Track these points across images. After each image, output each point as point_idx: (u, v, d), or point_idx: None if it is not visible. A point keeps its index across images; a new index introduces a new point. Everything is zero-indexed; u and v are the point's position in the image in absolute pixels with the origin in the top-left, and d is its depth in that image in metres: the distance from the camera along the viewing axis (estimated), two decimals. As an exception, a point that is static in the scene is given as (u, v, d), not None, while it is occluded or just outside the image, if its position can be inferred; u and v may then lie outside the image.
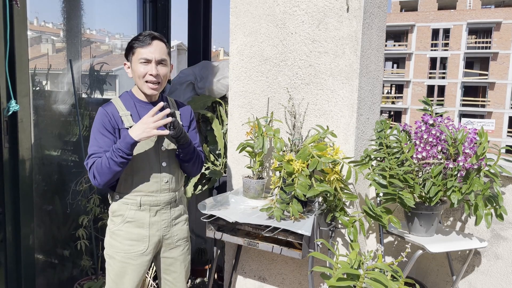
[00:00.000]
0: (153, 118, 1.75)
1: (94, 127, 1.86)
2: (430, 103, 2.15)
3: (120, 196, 1.91)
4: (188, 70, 3.38)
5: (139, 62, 1.85)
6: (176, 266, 2.03)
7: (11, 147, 2.34)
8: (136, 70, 1.86)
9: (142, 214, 1.91)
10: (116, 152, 1.74)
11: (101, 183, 1.80)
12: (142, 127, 1.74)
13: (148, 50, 1.84)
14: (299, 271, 2.35)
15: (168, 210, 1.96)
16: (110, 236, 1.95)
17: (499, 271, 2.25)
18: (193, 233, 3.44)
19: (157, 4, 3.75)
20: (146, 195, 1.90)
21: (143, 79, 1.86)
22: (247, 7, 2.34)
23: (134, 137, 1.74)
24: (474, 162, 1.89)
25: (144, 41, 1.84)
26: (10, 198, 2.35)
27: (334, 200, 2.01)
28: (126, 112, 1.88)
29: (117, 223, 1.92)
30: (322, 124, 2.19)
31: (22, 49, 2.32)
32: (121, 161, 1.75)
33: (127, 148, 1.75)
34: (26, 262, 2.44)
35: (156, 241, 1.94)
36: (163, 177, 1.92)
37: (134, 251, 1.91)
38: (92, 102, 3.43)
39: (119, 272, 1.92)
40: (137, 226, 1.91)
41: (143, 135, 1.74)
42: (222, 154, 2.98)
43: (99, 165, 1.78)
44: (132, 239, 1.91)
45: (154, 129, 1.74)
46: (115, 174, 1.79)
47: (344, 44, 2.12)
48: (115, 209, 1.93)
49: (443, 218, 2.35)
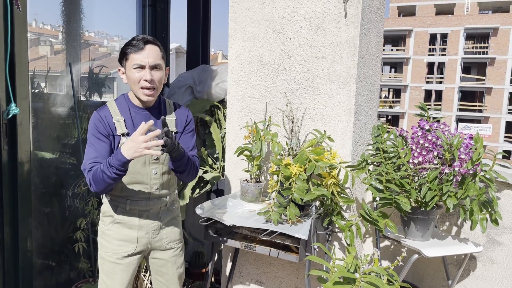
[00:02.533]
0: (143, 137, 1.64)
1: (89, 131, 1.86)
2: (426, 108, 2.17)
3: (110, 197, 1.93)
4: (187, 74, 3.40)
5: (132, 68, 1.81)
6: (168, 267, 2.03)
7: (10, 149, 2.35)
8: (130, 76, 1.83)
9: (130, 217, 1.92)
10: (109, 168, 1.70)
11: (98, 191, 1.80)
12: (134, 146, 1.65)
13: (142, 55, 1.80)
14: (296, 274, 2.36)
15: (158, 214, 1.97)
16: (100, 236, 1.97)
17: (494, 275, 2.27)
18: (191, 236, 3.45)
19: (157, 7, 3.76)
20: (135, 200, 1.91)
21: (138, 85, 1.82)
22: (246, 12, 2.36)
23: (126, 156, 1.67)
24: (470, 168, 1.91)
25: (137, 46, 1.80)
26: (9, 200, 2.36)
27: (331, 204, 2.03)
28: (119, 117, 1.86)
29: (107, 223, 1.95)
30: (319, 128, 2.21)
31: (22, 51, 2.33)
32: (114, 176, 1.71)
33: (120, 165, 1.69)
34: (23, 264, 2.45)
35: (144, 243, 1.95)
36: (153, 184, 1.91)
37: (122, 251, 1.92)
38: (91, 104, 3.44)
39: (108, 272, 1.94)
40: (126, 227, 1.92)
41: (135, 154, 1.66)
42: (220, 158, 2.99)
43: (95, 175, 1.75)
44: (121, 239, 1.92)
45: (146, 149, 1.64)
46: (109, 185, 1.77)
47: (342, 50, 2.14)
48: (105, 210, 1.95)
49: (439, 223, 2.37)
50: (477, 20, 29.19)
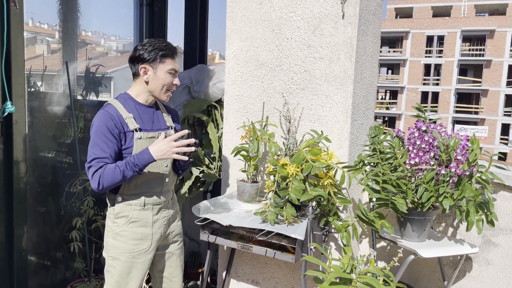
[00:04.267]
0: (176, 143, 1.81)
1: (97, 129, 1.84)
2: (423, 109, 2.18)
3: (123, 198, 1.93)
4: (184, 74, 3.38)
5: (168, 71, 1.91)
6: (173, 260, 2.08)
7: (6, 148, 2.34)
8: (163, 79, 1.91)
9: (146, 213, 1.94)
10: (132, 167, 1.80)
11: (102, 189, 1.83)
12: (165, 149, 1.80)
13: (176, 61, 1.93)
14: (292, 275, 2.36)
15: (167, 208, 2.02)
16: (113, 238, 1.95)
17: (490, 276, 2.28)
18: (187, 236, 3.44)
19: (154, 7, 3.76)
20: (150, 195, 1.95)
21: (167, 86, 1.93)
22: (244, 12, 2.36)
23: (154, 157, 1.80)
24: (466, 169, 1.92)
25: (175, 52, 1.93)
26: (4, 199, 2.35)
27: (328, 205, 2.03)
28: (128, 114, 1.90)
29: (120, 224, 1.94)
30: (316, 129, 2.21)
31: (18, 50, 2.32)
32: (133, 175, 1.81)
33: (144, 165, 1.81)
34: (18, 263, 2.44)
35: (158, 238, 1.99)
36: (165, 177, 1.98)
37: (138, 249, 1.94)
38: (87, 104, 3.42)
39: (123, 272, 1.94)
40: (140, 226, 1.94)
41: (164, 156, 1.81)
42: (217, 158, 2.98)
43: (108, 174, 1.79)
44: (137, 238, 1.94)
45: (174, 154, 1.81)
46: (118, 183, 1.84)
47: (339, 50, 2.14)
48: (119, 211, 1.94)
49: (435, 224, 2.37)
50: (473, 23, 29.30)
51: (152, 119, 1.96)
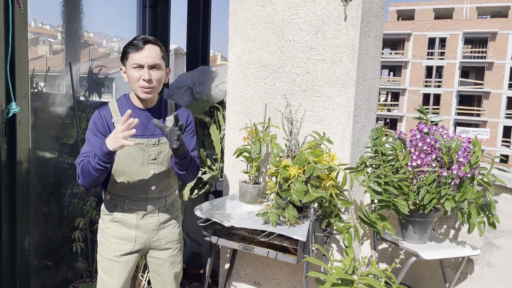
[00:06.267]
0: (121, 127, 1.68)
1: (88, 128, 1.89)
2: (425, 111, 2.18)
3: (110, 196, 1.95)
4: (187, 75, 3.40)
5: (132, 67, 1.83)
6: (165, 267, 2.05)
7: (9, 148, 2.34)
8: (130, 75, 1.86)
9: (129, 216, 1.94)
10: (94, 158, 1.73)
11: (84, 184, 1.81)
12: (114, 136, 1.69)
13: (141, 55, 1.82)
14: (293, 276, 2.36)
15: (156, 214, 1.98)
16: (100, 234, 2.00)
17: (491, 279, 2.28)
18: (189, 237, 3.44)
19: (157, 8, 3.77)
20: (133, 200, 1.92)
21: (137, 83, 1.84)
22: (246, 14, 2.37)
23: (108, 147, 1.69)
24: (468, 171, 1.92)
25: (137, 46, 1.82)
26: (7, 199, 2.36)
27: (330, 206, 2.03)
28: (119, 117, 1.87)
29: (106, 221, 1.97)
30: (318, 130, 2.21)
31: (22, 51, 2.33)
32: (98, 167, 1.73)
33: (103, 156, 1.71)
34: (21, 263, 2.44)
35: (142, 242, 1.97)
36: (151, 185, 1.92)
37: (120, 249, 1.94)
38: (90, 104, 3.44)
39: (106, 269, 1.96)
40: (124, 226, 1.94)
41: (115, 145, 1.68)
42: (219, 159, 2.99)
43: (83, 167, 1.78)
44: (119, 237, 1.94)
45: (123, 139, 1.66)
46: (96, 179, 1.78)
47: (342, 52, 2.15)
48: (104, 208, 1.98)
49: (436, 226, 2.38)
50: (475, 25, 29.30)
51: (145, 124, 1.89)
